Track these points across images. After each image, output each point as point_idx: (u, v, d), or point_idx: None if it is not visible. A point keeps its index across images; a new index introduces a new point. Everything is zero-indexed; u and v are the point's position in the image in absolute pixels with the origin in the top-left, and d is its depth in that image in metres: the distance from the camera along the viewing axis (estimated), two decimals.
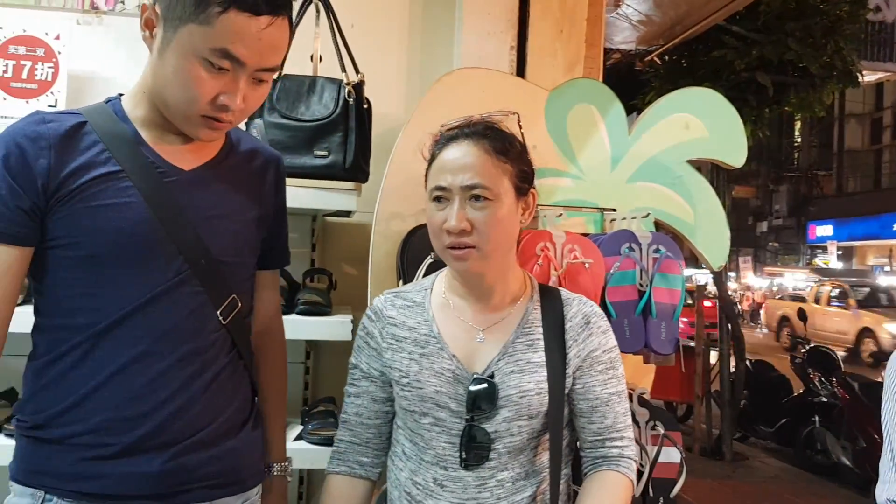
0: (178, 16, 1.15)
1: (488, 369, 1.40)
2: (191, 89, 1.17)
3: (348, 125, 2.15)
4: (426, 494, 1.41)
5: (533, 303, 1.47)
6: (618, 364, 1.47)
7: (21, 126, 1.22)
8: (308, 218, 2.53)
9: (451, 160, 1.38)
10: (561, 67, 2.51)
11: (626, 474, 1.43)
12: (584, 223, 2.14)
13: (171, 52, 1.17)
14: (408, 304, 1.50)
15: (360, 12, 2.55)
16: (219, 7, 1.13)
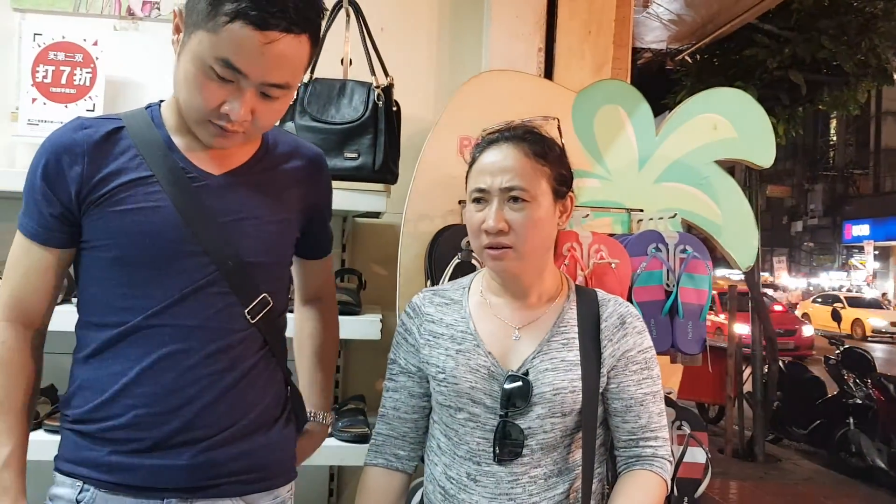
0: (193, 21, 1.18)
1: (523, 366, 1.42)
2: (196, 95, 1.21)
3: (377, 128, 2.18)
4: (459, 489, 1.43)
5: (569, 302, 1.48)
6: (653, 364, 1.47)
7: (60, 134, 1.28)
8: (339, 219, 2.57)
9: (490, 163, 1.40)
10: (589, 68, 2.52)
11: (659, 474, 1.43)
12: (611, 223, 2.16)
13: (184, 57, 1.20)
14: (445, 302, 1.53)
15: (390, 16, 2.59)
16: (226, 17, 1.14)
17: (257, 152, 1.38)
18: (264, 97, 1.22)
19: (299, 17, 1.17)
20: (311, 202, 1.45)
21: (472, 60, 2.66)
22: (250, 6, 1.14)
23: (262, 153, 1.38)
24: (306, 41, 1.21)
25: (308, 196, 1.44)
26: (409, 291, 2.13)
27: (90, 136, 1.26)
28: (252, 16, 1.14)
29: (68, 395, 1.31)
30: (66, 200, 1.25)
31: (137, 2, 2.50)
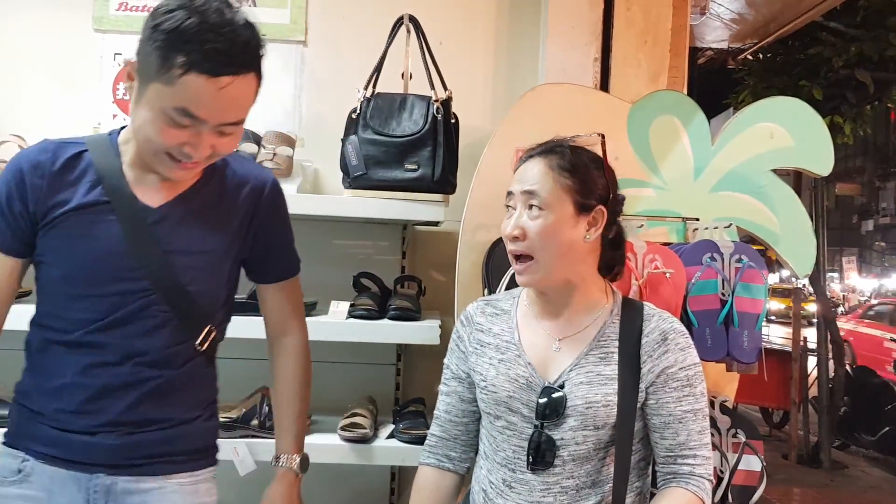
0: (146, 73, 1.26)
1: (560, 378, 1.45)
2: (156, 140, 1.30)
3: (437, 140, 2.26)
4: (497, 493, 1.49)
5: (612, 316, 1.50)
6: (696, 382, 1.46)
7: (28, 153, 1.40)
8: (398, 227, 2.65)
9: (520, 172, 1.49)
10: (645, 77, 2.55)
11: (695, 492, 1.42)
12: (667, 232, 2.18)
13: (142, 106, 1.28)
14: (496, 312, 1.58)
15: (448, 29, 2.65)
16: (179, 69, 1.22)
17: (198, 182, 1.46)
18: (221, 134, 1.32)
19: (246, 59, 1.28)
20: (256, 225, 1.51)
21: (528, 70, 2.71)
22: (201, 57, 1.22)
23: (203, 181, 1.47)
24: (253, 78, 1.31)
25: (254, 219, 1.50)
26: (467, 299, 2.19)
27: (53, 160, 1.38)
28: (205, 66, 1.22)
29: (22, 374, 1.46)
30: (24, 215, 1.37)
31: None
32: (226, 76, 1.24)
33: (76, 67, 2.59)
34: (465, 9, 2.71)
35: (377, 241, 2.68)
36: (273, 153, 2.38)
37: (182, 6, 1.24)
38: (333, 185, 2.60)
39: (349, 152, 2.27)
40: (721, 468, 1.95)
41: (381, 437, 2.28)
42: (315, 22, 2.67)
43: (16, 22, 2.58)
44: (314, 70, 2.68)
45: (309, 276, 2.51)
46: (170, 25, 1.22)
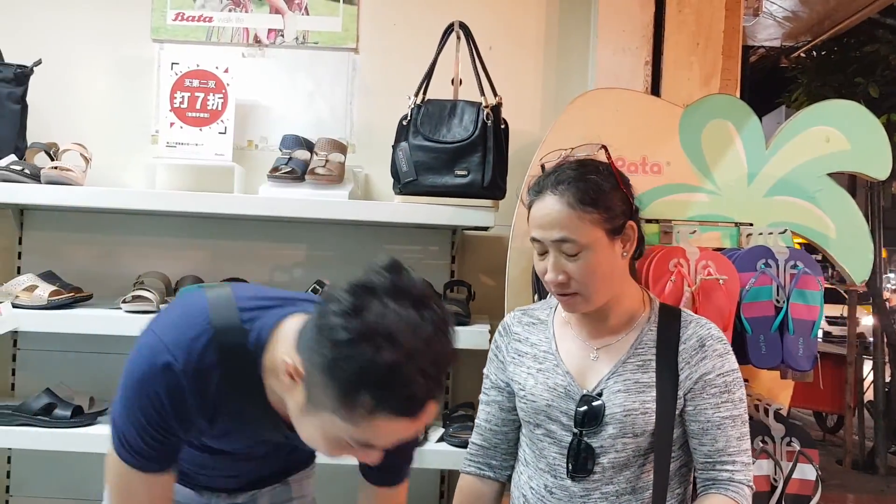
0: (319, 398, 1.09)
1: (598, 387, 1.46)
2: (326, 452, 1.18)
3: (486, 146, 2.27)
4: (538, 499, 1.51)
5: (650, 324, 1.50)
6: (734, 388, 1.46)
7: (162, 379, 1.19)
8: (448, 232, 2.67)
9: (540, 216, 1.43)
10: (697, 81, 2.52)
11: (734, 499, 1.42)
12: (720, 238, 2.16)
13: (310, 421, 1.14)
14: (533, 322, 1.60)
15: (497, 34, 2.66)
16: (365, 411, 1.04)
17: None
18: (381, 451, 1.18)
19: (437, 385, 1.09)
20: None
21: (578, 74, 2.70)
22: (396, 403, 1.05)
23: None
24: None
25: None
26: (517, 304, 2.19)
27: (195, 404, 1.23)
28: (398, 408, 1.06)
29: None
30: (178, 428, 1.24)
31: (263, 30, 2.68)
32: (419, 413, 1.08)
33: (134, 76, 2.67)
34: (515, 13, 2.71)
35: (427, 246, 2.70)
36: (325, 160, 2.42)
37: (368, 336, 1.03)
38: (384, 190, 2.63)
39: (400, 158, 2.30)
40: (775, 477, 1.93)
41: (430, 441, 2.30)
42: (366, 30, 2.70)
43: (75, 31, 2.66)
44: (365, 77, 2.71)
45: None
46: (353, 366, 1.03)
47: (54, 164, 2.30)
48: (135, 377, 1.19)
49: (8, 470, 2.64)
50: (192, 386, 1.19)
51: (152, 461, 1.22)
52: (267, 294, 1.30)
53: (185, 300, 1.30)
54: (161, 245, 2.65)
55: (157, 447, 1.21)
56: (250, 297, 1.27)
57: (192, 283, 2.41)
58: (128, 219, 2.63)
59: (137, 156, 2.64)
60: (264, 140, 2.69)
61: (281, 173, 2.39)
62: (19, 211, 2.62)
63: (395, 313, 1.04)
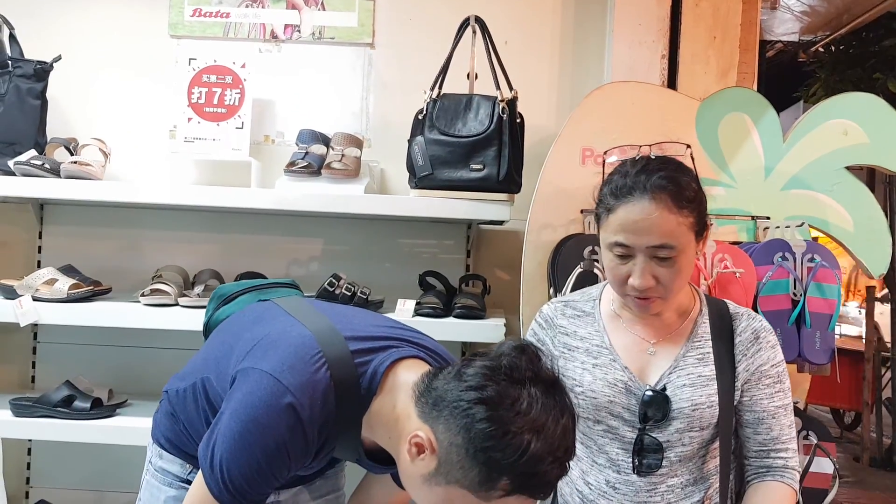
0: (455, 477, 1.12)
1: (660, 382, 1.45)
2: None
3: (502, 140, 2.27)
4: (599, 495, 1.49)
5: (702, 316, 1.49)
6: (784, 378, 1.49)
7: (287, 421, 1.18)
8: (463, 226, 2.68)
9: (632, 221, 1.36)
10: (714, 74, 2.51)
11: (790, 485, 1.45)
12: (737, 231, 2.15)
13: (434, 491, 1.16)
14: (577, 314, 1.56)
15: (513, 29, 2.67)
16: (502, 492, 1.11)
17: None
18: None
19: (565, 471, 1.16)
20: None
21: (594, 69, 2.70)
22: (531, 488, 1.12)
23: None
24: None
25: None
26: (532, 298, 2.21)
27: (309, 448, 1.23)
28: (532, 492, 1.13)
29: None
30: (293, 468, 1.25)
31: (280, 25, 2.70)
32: (544, 498, 1.17)
33: (152, 72, 2.69)
34: (530, 8, 2.71)
35: (442, 240, 2.71)
36: (341, 154, 2.43)
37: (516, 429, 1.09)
38: (399, 185, 2.64)
39: (415, 153, 2.30)
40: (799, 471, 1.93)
41: None
42: (382, 25, 2.71)
43: (94, 27, 2.68)
44: (381, 72, 2.72)
45: (376, 275, 2.59)
46: (501, 456, 1.09)
47: (74, 158, 2.32)
48: (255, 420, 1.17)
49: (28, 461, 2.67)
50: (313, 429, 1.20)
51: (254, 503, 1.23)
52: (369, 332, 1.31)
53: (289, 334, 1.27)
54: (179, 239, 2.67)
55: (264, 489, 1.22)
56: (357, 335, 1.28)
57: (211, 277, 2.43)
58: (146, 213, 2.66)
59: (155, 151, 2.65)
60: (281, 135, 2.71)
61: (297, 168, 2.40)
62: (39, 206, 2.65)
63: (540, 405, 1.11)
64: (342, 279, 2.37)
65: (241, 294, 1.60)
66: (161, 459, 1.46)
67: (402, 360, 1.26)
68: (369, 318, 1.42)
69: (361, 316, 1.44)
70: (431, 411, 1.16)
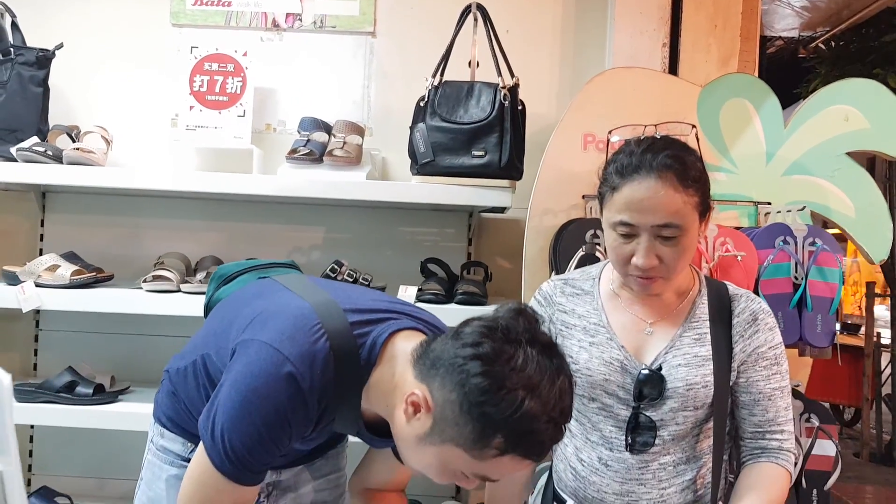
0: (449, 432, 1.13)
1: (656, 361, 1.45)
2: (432, 476, 1.22)
3: (504, 126, 2.27)
4: (591, 471, 1.50)
5: (700, 296, 1.49)
6: (782, 360, 1.48)
7: (286, 390, 1.19)
8: (465, 214, 2.68)
9: (638, 199, 1.36)
10: (715, 62, 2.52)
11: (784, 467, 1.45)
12: (738, 216, 2.16)
13: (429, 451, 1.18)
14: (577, 292, 1.56)
15: (514, 17, 2.67)
16: (496, 451, 1.12)
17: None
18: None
19: (561, 433, 1.17)
20: None
21: (595, 57, 2.70)
22: (525, 447, 1.13)
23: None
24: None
25: None
26: (534, 283, 2.20)
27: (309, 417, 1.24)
28: (525, 451, 1.14)
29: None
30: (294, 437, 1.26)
31: (282, 14, 2.70)
32: (540, 460, 1.18)
33: (153, 60, 2.69)
34: None
35: (443, 228, 2.71)
36: (343, 142, 2.43)
37: (510, 384, 1.10)
38: (400, 173, 2.64)
39: (417, 139, 2.31)
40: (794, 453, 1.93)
41: None
42: (383, 14, 2.71)
43: (96, 16, 2.69)
44: (382, 61, 2.72)
45: (377, 263, 2.59)
46: (495, 412, 1.09)
47: (76, 145, 2.33)
48: (255, 389, 1.17)
49: (30, 448, 2.68)
50: (313, 397, 1.20)
51: (256, 473, 1.23)
52: (368, 305, 1.31)
53: (288, 307, 1.27)
54: (180, 227, 2.67)
55: (266, 458, 1.22)
56: (356, 308, 1.28)
57: (213, 263, 2.43)
58: (147, 201, 2.66)
59: (157, 139, 2.66)
60: (282, 123, 2.71)
61: (299, 155, 2.40)
62: (41, 194, 2.65)
63: (536, 363, 1.12)
64: (344, 266, 2.38)
65: (242, 273, 1.60)
66: (163, 438, 1.46)
67: (400, 331, 1.27)
68: (368, 294, 1.43)
69: (360, 291, 1.45)
70: (429, 371, 1.17)
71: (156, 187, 2.33)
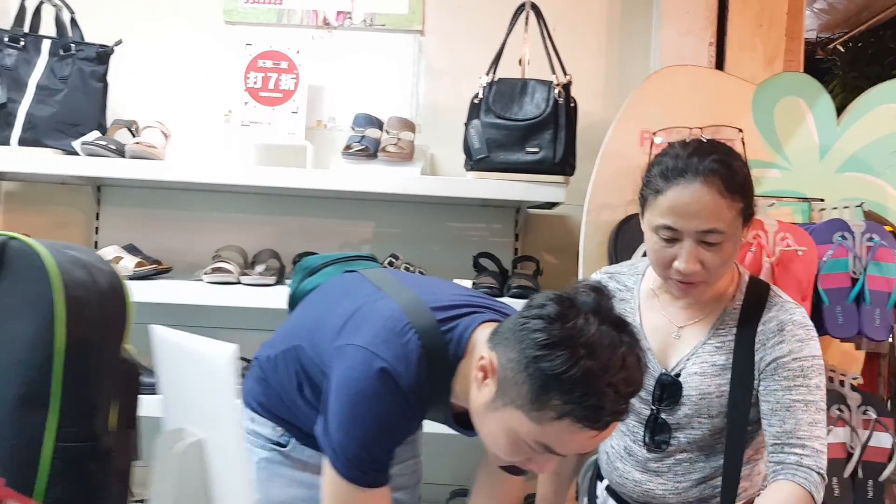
0: (510, 394, 1.15)
1: (677, 367, 1.47)
2: (501, 452, 1.22)
3: (558, 123, 2.32)
4: (617, 458, 1.56)
5: (734, 302, 1.48)
6: (812, 374, 1.40)
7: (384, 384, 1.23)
8: (512, 210, 2.72)
9: (683, 204, 1.35)
10: (760, 62, 2.56)
11: (802, 485, 1.34)
12: (791, 213, 2.20)
13: (494, 418, 1.19)
14: (619, 288, 1.59)
15: (560, 16, 2.70)
16: (553, 413, 1.11)
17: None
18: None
19: (625, 403, 1.15)
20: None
21: (639, 56, 2.74)
22: (581, 409, 1.10)
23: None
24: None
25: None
26: None
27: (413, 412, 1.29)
28: (586, 418, 1.11)
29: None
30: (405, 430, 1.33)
31: (332, 12, 2.74)
32: (604, 428, 1.14)
33: (207, 57, 2.73)
34: None
35: (491, 223, 2.75)
36: (397, 138, 2.47)
37: (569, 342, 1.10)
38: (449, 168, 2.69)
39: (472, 136, 2.35)
40: (851, 444, 1.97)
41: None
42: (432, 12, 2.75)
43: (151, 14, 2.72)
44: (430, 58, 2.76)
45: (426, 257, 2.63)
46: (550, 367, 1.10)
47: (137, 139, 2.37)
48: (358, 392, 1.22)
49: None
50: (412, 394, 1.24)
51: (380, 472, 1.27)
52: (452, 301, 1.34)
53: (378, 308, 1.31)
54: (231, 221, 2.71)
55: (385, 455, 1.27)
56: (442, 305, 1.32)
57: (271, 257, 2.47)
58: (200, 196, 2.70)
59: (208, 135, 2.69)
60: (332, 120, 2.75)
61: (354, 150, 2.44)
62: (97, 187, 2.69)
63: (599, 331, 1.12)
64: (399, 259, 2.42)
65: (326, 266, 1.64)
66: (253, 423, 1.50)
67: (483, 323, 1.31)
68: (450, 288, 1.47)
69: (441, 285, 1.49)
70: (497, 339, 1.20)
71: (217, 181, 2.36)
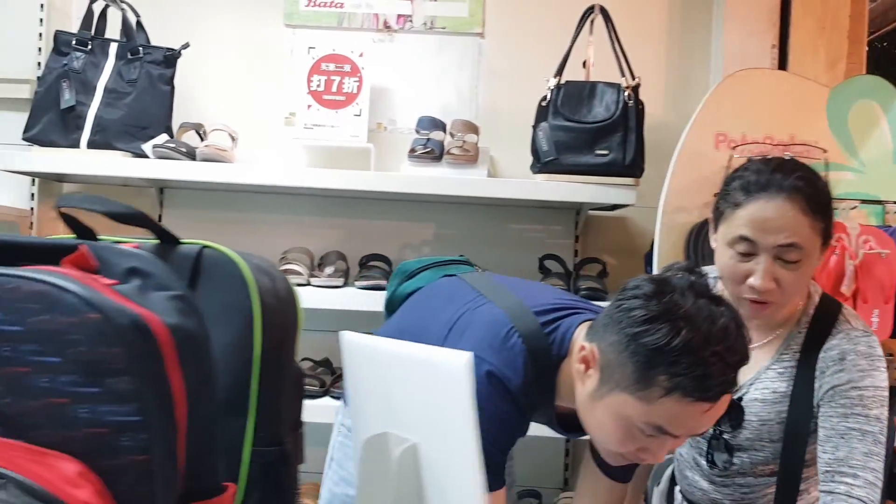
0: (615, 378, 1.15)
1: (740, 391, 1.45)
2: (612, 443, 1.22)
3: (628, 125, 2.33)
4: (687, 466, 1.58)
5: (800, 326, 1.45)
6: (872, 405, 1.35)
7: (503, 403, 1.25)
8: (572, 212, 2.73)
9: (763, 218, 1.33)
10: (823, 64, 2.56)
11: None
12: (866, 216, 2.20)
13: (601, 407, 1.19)
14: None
15: (621, 19, 2.69)
16: (661, 390, 1.10)
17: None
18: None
19: (732, 373, 1.14)
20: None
21: (700, 59, 2.75)
22: (689, 381, 1.09)
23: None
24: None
25: None
26: None
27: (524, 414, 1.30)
28: (696, 392, 1.10)
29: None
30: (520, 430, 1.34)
31: (393, 16, 2.75)
32: (713, 401, 1.12)
33: (269, 61, 2.74)
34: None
35: (550, 225, 2.76)
36: (462, 140, 2.48)
37: (668, 315, 1.11)
38: (509, 170, 2.69)
39: (540, 138, 2.36)
40: None
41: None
42: (492, 15, 2.76)
43: (212, 18, 2.73)
44: (491, 61, 2.76)
45: (488, 258, 2.63)
46: (652, 341, 1.10)
47: (207, 142, 2.38)
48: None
49: None
50: (520, 397, 1.25)
51: (499, 474, 1.26)
52: (552, 304, 1.35)
53: (482, 314, 1.32)
54: (292, 223, 2.72)
55: (503, 457, 1.27)
56: (543, 308, 1.32)
57: (338, 258, 2.48)
58: (261, 198, 2.70)
59: (270, 138, 2.70)
60: (393, 122, 2.76)
61: (419, 153, 2.45)
62: (159, 189, 2.69)
63: (693, 302, 1.12)
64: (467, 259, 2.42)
65: (423, 270, 1.65)
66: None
67: (583, 323, 1.32)
68: (548, 291, 1.49)
69: (541, 289, 1.51)
70: (596, 329, 1.22)
71: (285, 184, 2.37)
